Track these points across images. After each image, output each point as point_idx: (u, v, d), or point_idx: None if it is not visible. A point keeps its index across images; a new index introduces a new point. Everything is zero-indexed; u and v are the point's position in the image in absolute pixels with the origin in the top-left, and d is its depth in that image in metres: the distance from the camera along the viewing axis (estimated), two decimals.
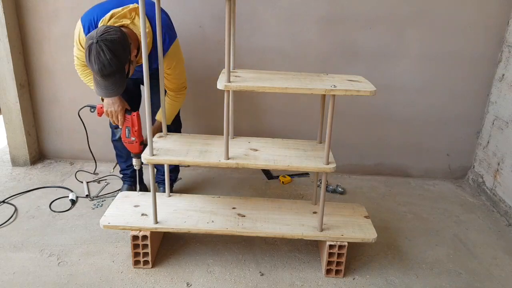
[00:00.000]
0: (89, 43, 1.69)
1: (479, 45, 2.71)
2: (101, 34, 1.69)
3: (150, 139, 1.80)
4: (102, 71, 1.72)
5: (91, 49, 1.69)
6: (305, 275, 1.96)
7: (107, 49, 1.69)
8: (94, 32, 1.71)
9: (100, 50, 1.68)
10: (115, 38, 1.71)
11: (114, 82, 1.79)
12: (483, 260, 2.14)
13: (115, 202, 2.07)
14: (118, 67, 1.75)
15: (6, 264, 1.93)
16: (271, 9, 2.66)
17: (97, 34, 1.69)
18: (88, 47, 1.69)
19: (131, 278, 1.88)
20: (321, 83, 1.74)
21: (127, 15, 1.85)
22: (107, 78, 1.76)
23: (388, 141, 2.96)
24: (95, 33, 1.70)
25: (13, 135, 2.87)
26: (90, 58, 1.70)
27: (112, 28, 1.74)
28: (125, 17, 1.85)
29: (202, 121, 2.94)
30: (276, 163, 1.79)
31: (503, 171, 2.64)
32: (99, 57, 1.69)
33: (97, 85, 1.81)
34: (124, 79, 1.83)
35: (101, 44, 1.68)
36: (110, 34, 1.71)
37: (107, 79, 1.76)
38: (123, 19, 1.84)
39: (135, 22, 1.86)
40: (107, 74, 1.74)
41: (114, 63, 1.72)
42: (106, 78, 1.75)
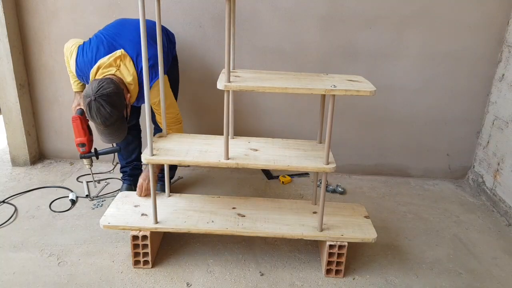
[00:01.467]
0: (87, 101, 1.82)
1: (479, 45, 2.71)
2: (97, 90, 1.81)
3: (150, 141, 1.80)
4: (105, 123, 1.87)
5: (91, 106, 1.82)
6: (305, 275, 1.96)
7: (106, 103, 1.82)
8: (90, 89, 1.83)
9: (99, 105, 1.81)
10: (110, 91, 1.84)
11: (116, 129, 1.94)
12: (483, 260, 2.14)
13: (115, 202, 2.08)
14: (118, 116, 1.89)
15: (6, 264, 1.93)
16: (271, 9, 2.66)
17: (93, 91, 1.81)
18: (88, 104, 1.82)
19: (131, 278, 1.88)
20: (321, 83, 1.74)
21: (113, 64, 1.97)
22: (110, 127, 1.91)
23: (388, 141, 2.96)
24: (91, 91, 1.82)
25: (13, 135, 2.87)
26: (91, 114, 1.83)
27: (105, 81, 1.85)
28: (111, 66, 1.97)
29: (202, 121, 2.94)
30: (276, 163, 1.79)
31: (503, 171, 2.64)
32: (100, 112, 1.82)
33: (101, 134, 1.96)
34: (125, 124, 1.98)
35: (99, 100, 1.81)
36: (105, 89, 1.83)
37: (110, 128, 1.91)
38: (109, 68, 1.97)
39: (121, 70, 1.98)
40: (109, 124, 1.88)
41: (115, 114, 1.86)
42: (109, 127, 1.90)
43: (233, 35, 1.89)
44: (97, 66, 1.97)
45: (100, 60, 1.98)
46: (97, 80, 1.88)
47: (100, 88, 1.82)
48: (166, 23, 2.59)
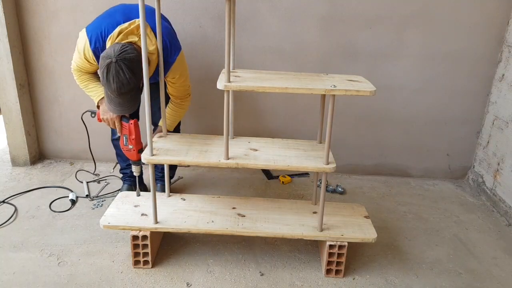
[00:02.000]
0: (107, 62, 1.70)
1: (479, 45, 2.71)
2: (120, 53, 1.70)
3: (150, 141, 1.80)
4: (120, 89, 1.75)
5: (110, 68, 1.70)
6: (305, 275, 1.96)
7: (127, 68, 1.71)
8: (111, 50, 1.72)
9: (119, 69, 1.70)
10: (133, 57, 1.73)
11: (129, 99, 1.82)
12: (483, 260, 2.14)
13: (115, 202, 2.07)
14: (136, 84, 1.78)
15: (6, 264, 1.93)
16: (271, 9, 2.66)
17: (115, 53, 1.70)
18: (106, 66, 1.70)
19: (131, 278, 1.88)
20: (321, 83, 1.74)
21: (135, 32, 1.84)
22: (123, 96, 1.79)
23: (388, 141, 2.96)
24: (113, 52, 1.70)
25: (13, 135, 2.87)
26: (108, 77, 1.72)
27: (128, 46, 1.75)
28: (132, 34, 1.84)
29: (202, 121, 2.94)
30: (276, 163, 1.79)
31: (503, 171, 2.64)
32: (119, 76, 1.71)
33: (110, 102, 1.83)
34: (139, 96, 1.87)
35: (120, 64, 1.70)
36: (128, 53, 1.73)
37: (123, 96, 1.79)
38: (130, 35, 1.84)
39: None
40: (124, 92, 1.76)
41: (133, 82, 1.75)
42: (121, 96, 1.78)
43: (233, 35, 1.89)
44: (118, 31, 1.82)
45: (120, 26, 1.83)
46: (120, 43, 1.76)
47: (123, 52, 1.71)
48: None
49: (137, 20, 1.84)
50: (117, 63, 1.69)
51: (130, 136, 1.96)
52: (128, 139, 1.98)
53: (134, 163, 2.04)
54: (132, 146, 1.98)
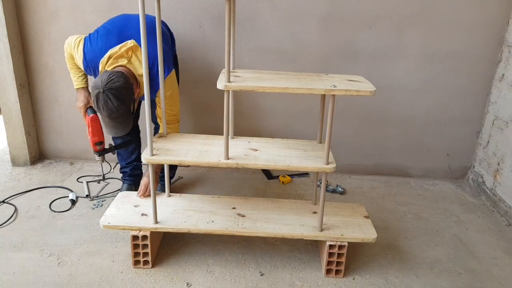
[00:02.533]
0: (95, 92, 1.81)
1: (479, 45, 2.71)
2: (106, 83, 1.80)
3: (150, 141, 1.80)
4: (111, 116, 1.86)
5: (99, 98, 1.81)
6: (305, 275, 1.96)
7: (114, 97, 1.81)
8: (99, 81, 1.81)
9: (107, 98, 1.80)
10: (119, 85, 1.83)
11: (122, 122, 1.93)
12: (483, 260, 2.14)
13: (115, 202, 2.07)
14: (125, 110, 1.89)
15: (6, 264, 1.93)
16: (271, 9, 2.66)
17: (102, 83, 1.80)
18: (96, 96, 1.81)
19: (131, 278, 1.88)
20: (321, 83, 1.74)
21: (124, 55, 1.93)
22: (115, 120, 1.90)
23: (388, 141, 2.96)
24: (100, 82, 1.80)
25: (13, 135, 2.87)
26: (99, 105, 1.83)
27: (115, 75, 1.84)
28: (122, 57, 1.93)
29: (202, 121, 2.94)
30: (276, 163, 1.79)
31: (503, 171, 2.64)
32: (107, 105, 1.82)
33: (106, 126, 1.97)
34: (130, 117, 1.97)
35: (107, 94, 1.80)
36: (114, 82, 1.82)
37: (115, 120, 1.90)
38: (120, 59, 1.93)
39: (132, 61, 1.95)
40: (115, 117, 1.88)
41: (122, 108, 1.86)
42: (114, 120, 1.90)
43: (233, 35, 1.89)
44: (108, 56, 1.93)
45: (111, 50, 1.93)
46: (108, 72, 1.86)
47: (110, 81, 1.80)
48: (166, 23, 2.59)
49: (128, 43, 1.94)
50: (104, 93, 1.80)
51: (88, 128, 2.10)
52: (87, 131, 2.12)
53: (94, 153, 2.17)
54: (89, 138, 2.12)
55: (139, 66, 1.94)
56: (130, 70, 1.94)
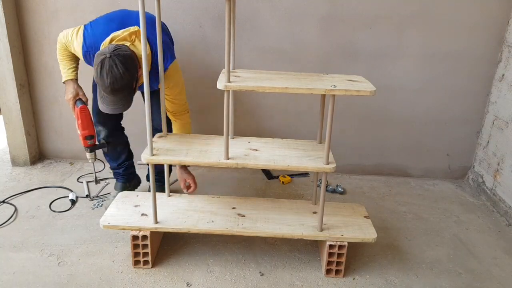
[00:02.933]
0: (101, 58, 1.72)
1: (479, 45, 2.71)
2: (114, 49, 1.73)
3: (150, 141, 1.80)
4: (113, 85, 1.73)
5: (104, 63, 1.71)
6: (305, 275, 1.96)
7: (120, 62, 1.72)
8: (106, 48, 1.75)
9: (113, 64, 1.71)
10: (127, 54, 1.76)
11: (122, 97, 1.81)
12: (483, 260, 2.14)
13: (115, 202, 2.07)
14: (129, 81, 1.78)
15: (6, 264, 1.93)
16: (271, 9, 2.66)
17: (110, 50, 1.73)
18: (101, 61, 1.71)
19: (131, 278, 1.88)
20: (321, 83, 1.74)
21: (127, 38, 1.87)
22: (116, 93, 1.77)
23: (388, 141, 2.96)
24: (107, 49, 1.73)
25: (13, 135, 2.87)
26: (102, 72, 1.72)
27: (123, 46, 1.78)
28: (125, 40, 1.86)
29: (202, 121, 2.94)
30: (276, 163, 1.79)
31: (503, 171, 2.64)
32: (112, 71, 1.71)
33: (103, 101, 1.83)
34: (131, 96, 1.86)
35: (114, 59, 1.71)
36: (122, 50, 1.75)
37: (116, 94, 1.78)
38: (123, 41, 1.86)
39: (135, 44, 1.88)
40: (117, 88, 1.75)
41: (126, 77, 1.75)
42: (115, 93, 1.77)
43: (233, 35, 1.89)
44: (110, 38, 1.86)
45: (114, 33, 1.87)
46: (114, 44, 1.80)
47: (118, 49, 1.74)
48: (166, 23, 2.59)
49: (131, 28, 1.88)
50: (111, 58, 1.71)
51: (77, 121, 2.03)
52: (76, 124, 2.04)
53: (85, 149, 2.11)
54: (79, 131, 2.05)
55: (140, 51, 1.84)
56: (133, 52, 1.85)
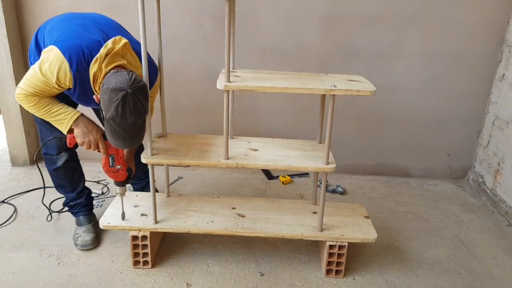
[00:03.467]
0: (121, 94, 1.49)
1: (479, 45, 2.71)
2: (132, 82, 1.52)
3: (149, 141, 1.80)
4: (137, 122, 1.56)
5: (127, 101, 1.50)
6: (305, 275, 1.95)
7: (143, 97, 1.55)
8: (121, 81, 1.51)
9: (137, 100, 1.52)
10: (143, 84, 1.58)
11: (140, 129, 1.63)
12: (483, 260, 2.14)
13: (114, 202, 2.07)
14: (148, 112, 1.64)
15: (6, 264, 1.93)
16: (271, 9, 2.66)
17: (128, 83, 1.51)
18: (122, 99, 1.49)
19: (131, 278, 1.88)
20: (321, 83, 1.74)
21: (120, 52, 1.65)
22: (137, 127, 1.60)
23: (388, 141, 2.96)
24: (125, 82, 1.51)
25: (13, 135, 2.87)
26: (124, 110, 1.50)
27: (133, 73, 1.57)
28: (118, 55, 1.64)
29: (202, 121, 2.93)
30: (276, 163, 1.79)
31: (503, 171, 2.64)
32: (136, 108, 1.52)
33: (118, 138, 1.60)
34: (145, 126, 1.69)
35: (137, 94, 1.52)
36: (138, 81, 1.55)
37: (137, 127, 1.60)
38: (117, 57, 1.64)
39: (128, 60, 1.68)
40: (140, 122, 1.59)
41: (147, 111, 1.61)
42: (134, 128, 1.59)
43: (233, 35, 1.89)
44: (104, 52, 1.60)
45: (106, 46, 1.61)
46: (122, 72, 1.56)
47: (135, 80, 1.52)
48: (166, 23, 2.59)
49: (117, 38, 1.65)
50: (133, 94, 1.51)
51: (118, 156, 1.81)
52: (115, 159, 1.81)
53: (120, 184, 1.88)
54: (120, 166, 1.82)
55: (136, 66, 1.70)
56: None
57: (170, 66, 2.72)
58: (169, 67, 2.70)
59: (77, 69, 1.62)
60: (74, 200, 2.15)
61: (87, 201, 2.19)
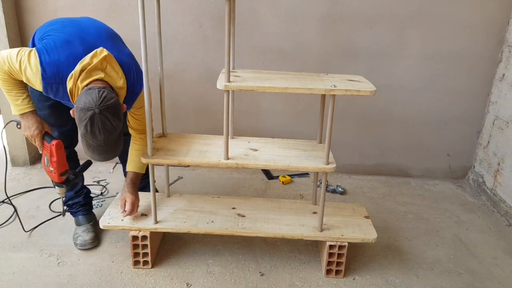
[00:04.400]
0: (89, 114, 1.50)
1: (479, 45, 2.71)
2: (101, 101, 1.51)
3: (149, 141, 1.80)
4: (107, 140, 1.56)
5: (94, 120, 1.50)
6: (305, 275, 1.95)
7: (112, 115, 1.54)
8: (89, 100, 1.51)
9: (105, 119, 1.52)
10: (114, 102, 1.56)
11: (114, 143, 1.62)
12: (483, 260, 2.14)
13: (115, 202, 2.07)
14: (120, 128, 1.62)
15: (6, 264, 1.93)
16: (271, 9, 2.66)
17: (96, 103, 1.51)
18: (90, 119, 1.50)
19: (131, 279, 1.88)
20: (321, 83, 1.74)
21: (99, 66, 1.61)
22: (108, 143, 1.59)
23: (388, 141, 2.96)
24: (93, 102, 1.50)
25: (13, 135, 2.87)
26: (93, 129, 1.52)
27: (104, 91, 1.55)
28: (96, 69, 1.61)
29: (202, 121, 2.93)
30: (276, 163, 1.79)
31: (503, 171, 2.64)
32: (105, 127, 1.53)
33: (93, 151, 1.60)
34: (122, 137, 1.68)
35: (105, 114, 1.51)
36: (108, 99, 1.54)
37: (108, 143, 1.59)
38: (94, 71, 1.61)
39: (107, 72, 1.64)
40: (111, 140, 1.58)
41: (118, 128, 1.59)
42: (108, 144, 1.59)
43: (233, 35, 1.89)
44: (79, 69, 1.58)
45: (82, 61, 1.59)
46: (94, 89, 1.55)
47: (104, 99, 1.52)
48: (166, 23, 2.59)
49: (98, 51, 1.62)
50: (101, 113, 1.51)
51: (52, 158, 1.76)
52: (50, 161, 1.77)
53: (57, 185, 1.84)
54: (53, 169, 1.77)
55: (117, 78, 1.66)
56: (108, 83, 1.65)
57: (170, 66, 2.72)
58: (169, 67, 2.70)
59: (47, 83, 1.64)
60: (72, 199, 2.16)
61: (85, 200, 2.19)
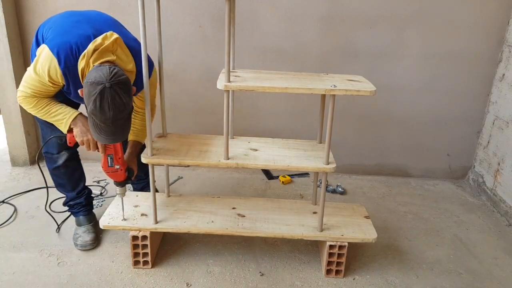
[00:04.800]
0: (99, 88, 1.49)
1: (479, 45, 2.71)
2: (112, 76, 1.51)
3: (149, 141, 1.80)
4: (116, 116, 1.54)
5: (104, 94, 1.49)
6: (305, 275, 1.95)
7: (122, 91, 1.53)
8: (100, 75, 1.51)
9: (115, 94, 1.51)
10: (124, 78, 1.55)
11: (122, 124, 1.60)
12: (483, 260, 2.14)
13: (114, 202, 2.07)
14: (130, 109, 1.61)
15: (6, 264, 1.93)
16: (271, 9, 2.66)
17: (107, 77, 1.50)
18: (100, 93, 1.49)
19: (131, 279, 1.88)
20: (321, 83, 1.74)
21: (110, 48, 1.62)
22: (118, 122, 1.57)
23: (388, 141, 2.96)
24: (104, 76, 1.50)
25: (13, 135, 2.87)
26: (102, 104, 1.50)
27: (115, 68, 1.56)
28: (108, 51, 1.62)
29: (202, 121, 2.93)
30: (276, 163, 1.79)
31: (503, 171, 2.64)
32: (115, 102, 1.51)
33: (100, 132, 1.58)
34: (130, 120, 1.66)
35: (115, 88, 1.50)
36: (119, 75, 1.53)
37: (118, 122, 1.57)
38: (106, 53, 1.61)
39: (118, 55, 1.66)
40: (120, 118, 1.56)
41: (128, 106, 1.58)
42: (117, 121, 1.56)
43: (233, 35, 1.89)
44: (92, 48, 1.58)
45: (94, 42, 1.59)
46: (104, 66, 1.55)
47: (115, 74, 1.51)
48: (166, 23, 2.59)
49: (108, 34, 1.63)
50: (111, 88, 1.50)
51: (116, 156, 1.78)
52: (114, 159, 1.79)
53: (119, 184, 1.87)
54: (119, 166, 1.80)
55: (127, 61, 1.68)
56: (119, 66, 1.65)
57: (170, 66, 2.72)
58: (169, 67, 2.70)
59: (65, 66, 1.63)
60: (73, 200, 2.15)
61: (87, 201, 2.18)
